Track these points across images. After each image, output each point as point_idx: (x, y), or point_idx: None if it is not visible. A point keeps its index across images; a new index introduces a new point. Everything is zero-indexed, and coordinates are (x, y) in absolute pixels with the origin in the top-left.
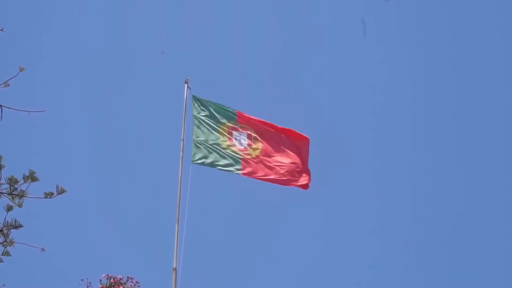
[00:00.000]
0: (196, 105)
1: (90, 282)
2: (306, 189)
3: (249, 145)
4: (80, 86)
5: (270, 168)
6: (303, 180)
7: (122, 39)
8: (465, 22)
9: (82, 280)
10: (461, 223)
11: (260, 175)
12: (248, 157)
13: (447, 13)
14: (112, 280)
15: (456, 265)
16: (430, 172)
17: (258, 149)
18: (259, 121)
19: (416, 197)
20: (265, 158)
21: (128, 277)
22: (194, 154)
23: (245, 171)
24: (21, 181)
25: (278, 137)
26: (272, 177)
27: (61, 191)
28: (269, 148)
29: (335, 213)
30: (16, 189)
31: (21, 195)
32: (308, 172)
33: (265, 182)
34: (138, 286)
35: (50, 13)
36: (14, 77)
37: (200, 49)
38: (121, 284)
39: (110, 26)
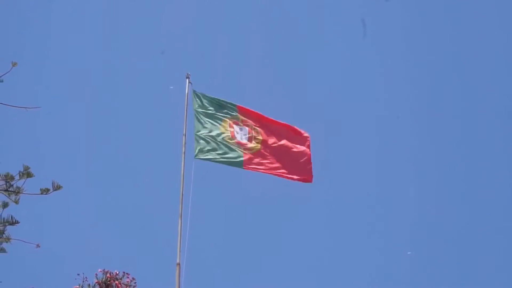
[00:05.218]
0: (197, 99)
1: (86, 277)
2: (309, 182)
3: (250, 138)
4: (80, 83)
5: (272, 161)
6: (305, 173)
7: (122, 35)
8: (465, 22)
9: (78, 274)
10: (465, 222)
11: (262, 168)
12: (250, 151)
13: (447, 13)
14: (108, 275)
15: (459, 264)
16: (433, 171)
17: (259, 142)
18: (260, 115)
19: (420, 197)
20: (266, 151)
21: (124, 273)
22: (196, 149)
23: (247, 165)
24: (17, 178)
25: (279, 131)
26: (274, 170)
27: (57, 187)
28: (270, 142)
29: (338, 212)
30: (12, 185)
31: (17, 191)
32: (310, 166)
33: (267, 174)
34: (135, 282)
35: (49, 10)
36: (7, 72)
37: (201, 45)
38: (117, 279)
39: (109, 23)
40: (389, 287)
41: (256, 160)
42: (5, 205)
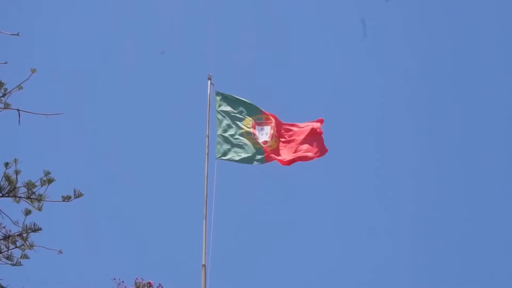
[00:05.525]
0: (219, 100)
1: (122, 281)
2: (324, 153)
3: (271, 136)
4: (99, 86)
5: (291, 151)
6: (320, 151)
7: (141, 37)
8: (465, 23)
9: (114, 279)
10: (465, 222)
11: (283, 158)
12: (270, 147)
13: (447, 14)
14: (148, 284)
15: (459, 264)
16: (434, 172)
17: (278, 141)
18: (281, 122)
19: (421, 197)
20: (286, 145)
21: (159, 284)
22: (218, 149)
23: (268, 161)
24: (38, 185)
25: (298, 133)
26: (293, 156)
27: (78, 195)
28: (291, 141)
29: (338, 211)
30: (34, 193)
31: (40, 199)
32: (322, 142)
33: (288, 165)
34: None
35: (60, 13)
36: (26, 79)
37: (222, 46)
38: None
39: (132, 24)
40: (389, 287)
41: (276, 154)
42: (28, 212)
